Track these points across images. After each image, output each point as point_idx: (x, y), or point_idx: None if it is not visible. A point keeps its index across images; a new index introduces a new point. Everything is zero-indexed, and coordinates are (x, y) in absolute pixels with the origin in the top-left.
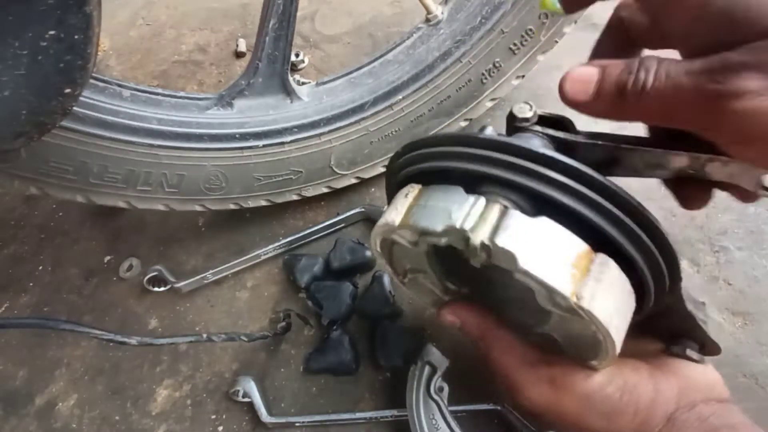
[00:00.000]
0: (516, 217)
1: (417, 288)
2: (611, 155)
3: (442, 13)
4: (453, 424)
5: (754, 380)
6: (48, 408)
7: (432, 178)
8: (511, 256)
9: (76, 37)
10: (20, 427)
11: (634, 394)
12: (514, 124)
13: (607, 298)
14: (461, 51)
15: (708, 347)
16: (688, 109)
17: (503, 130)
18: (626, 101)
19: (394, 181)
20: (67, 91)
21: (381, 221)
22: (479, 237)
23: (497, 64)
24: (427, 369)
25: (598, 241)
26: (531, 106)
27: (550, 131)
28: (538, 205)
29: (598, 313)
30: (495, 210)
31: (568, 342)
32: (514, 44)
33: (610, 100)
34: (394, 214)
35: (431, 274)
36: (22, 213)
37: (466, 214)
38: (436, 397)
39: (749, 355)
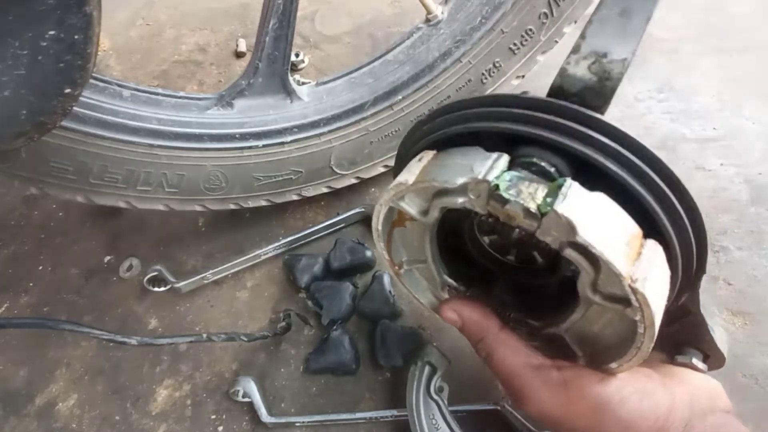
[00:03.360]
0: (576, 187)
1: (412, 282)
2: None
3: (442, 13)
4: (453, 424)
5: (754, 380)
6: (48, 408)
7: (454, 145)
8: (570, 226)
9: (76, 37)
10: (20, 427)
11: (653, 400)
12: None
13: (656, 284)
14: (461, 51)
15: (713, 358)
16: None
17: None
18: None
19: (410, 154)
20: (67, 91)
21: (392, 184)
22: (533, 202)
23: (497, 64)
24: (427, 369)
25: (644, 226)
26: None
27: None
28: (584, 178)
29: (650, 297)
30: (535, 178)
31: (583, 343)
32: (514, 44)
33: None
34: (408, 174)
35: (430, 266)
36: (22, 213)
37: (489, 167)
38: (436, 397)
39: (749, 355)
